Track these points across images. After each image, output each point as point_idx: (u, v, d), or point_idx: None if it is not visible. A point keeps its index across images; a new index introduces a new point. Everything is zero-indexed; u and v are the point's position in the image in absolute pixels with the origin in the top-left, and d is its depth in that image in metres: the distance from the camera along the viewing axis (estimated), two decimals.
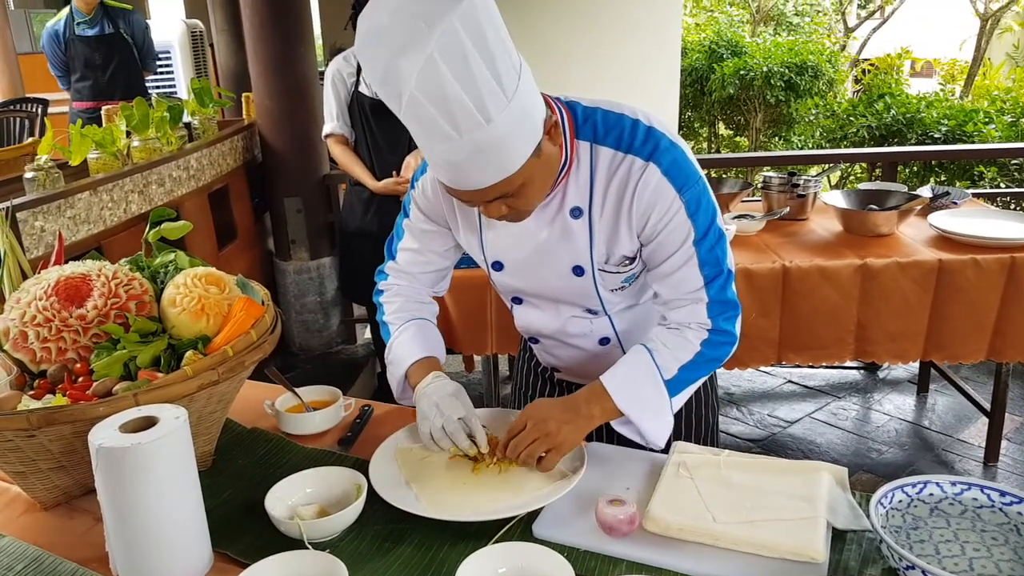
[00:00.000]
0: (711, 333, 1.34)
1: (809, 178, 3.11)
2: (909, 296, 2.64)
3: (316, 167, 4.11)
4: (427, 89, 1.05)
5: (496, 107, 1.08)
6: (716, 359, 1.36)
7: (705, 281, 1.31)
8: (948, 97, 6.13)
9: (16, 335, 1.32)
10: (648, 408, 1.32)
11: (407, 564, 1.14)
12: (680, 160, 1.27)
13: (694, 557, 1.12)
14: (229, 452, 1.46)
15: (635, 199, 1.28)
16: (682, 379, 1.33)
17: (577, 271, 1.39)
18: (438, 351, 1.50)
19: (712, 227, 1.30)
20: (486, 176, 1.14)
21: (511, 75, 1.10)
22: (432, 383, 1.38)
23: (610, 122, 1.29)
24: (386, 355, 1.51)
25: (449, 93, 1.05)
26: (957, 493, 1.16)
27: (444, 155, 1.13)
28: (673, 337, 1.34)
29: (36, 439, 1.18)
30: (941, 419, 3.50)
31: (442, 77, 1.04)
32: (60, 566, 1.15)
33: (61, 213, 2.60)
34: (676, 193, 1.26)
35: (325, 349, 4.32)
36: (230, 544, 1.19)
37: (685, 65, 8.00)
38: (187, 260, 1.48)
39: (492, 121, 1.08)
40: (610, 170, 1.29)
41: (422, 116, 1.08)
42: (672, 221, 1.28)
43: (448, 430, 1.31)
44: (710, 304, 1.33)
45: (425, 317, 1.55)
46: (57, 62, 5.04)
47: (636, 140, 1.27)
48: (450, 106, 1.06)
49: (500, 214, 1.24)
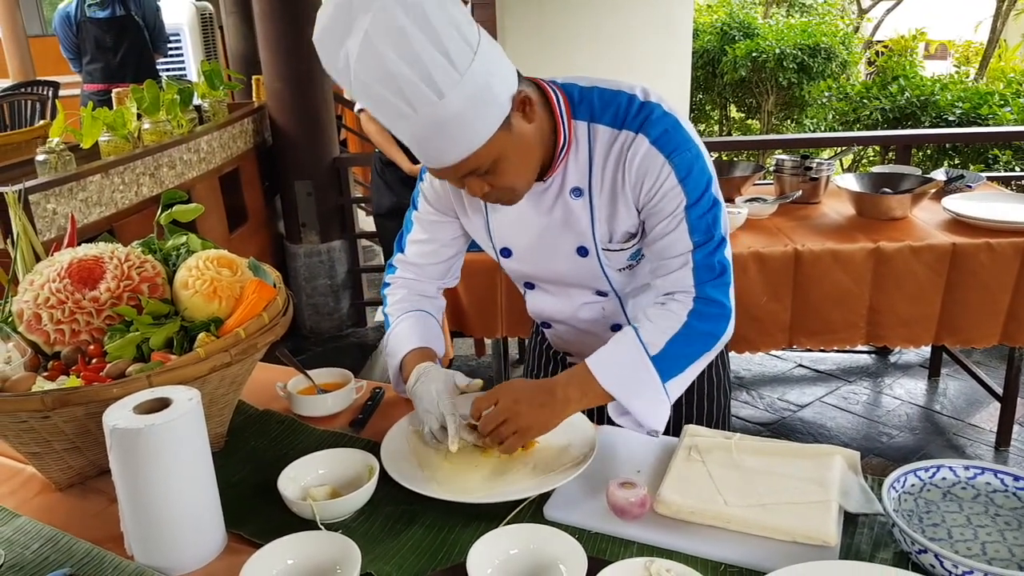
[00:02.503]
0: (697, 302, 1.30)
1: (822, 161, 3.09)
2: (922, 280, 2.62)
3: (327, 150, 4.11)
4: (368, 67, 1.07)
5: (447, 83, 1.08)
6: (710, 333, 1.31)
7: (694, 246, 1.29)
8: (963, 79, 6.07)
9: (30, 317, 1.33)
10: (634, 386, 1.27)
11: (419, 545, 1.15)
12: (671, 129, 1.26)
13: (705, 540, 1.12)
14: (241, 434, 1.47)
15: (627, 171, 1.28)
16: (672, 354, 1.28)
17: (581, 252, 1.38)
18: (434, 342, 1.48)
19: (706, 194, 1.28)
20: (452, 151, 1.15)
21: (463, 50, 1.09)
22: (419, 381, 1.36)
23: (606, 99, 1.29)
24: (383, 346, 1.52)
25: (392, 70, 1.06)
26: (970, 477, 1.16)
27: (406, 132, 1.14)
28: (657, 311, 1.31)
29: (50, 420, 1.19)
30: (952, 404, 3.49)
31: (381, 55, 1.05)
32: (75, 545, 1.16)
33: (73, 196, 2.61)
34: (665, 159, 1.25)
35: (335, 332, 4.34)
36: (243, 524, 1.20)
37: (696, 47, 7.93)
38: (199, 243, 1.48)
39: (445, 96, 1.08)
40: (607, 147, 1.29)
41: (373, 96, 1.10)
42: (663, 187, 1.27)
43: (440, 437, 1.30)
44: (695, 269, 1.29)
45: (425, 309, 1.53)
46: (68, 44, 5.04)
47: (629, 114, 1.27)
48: (397, 83, 1.07)
49: (482, 192, 1.24)
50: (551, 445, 1.32)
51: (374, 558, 1.10)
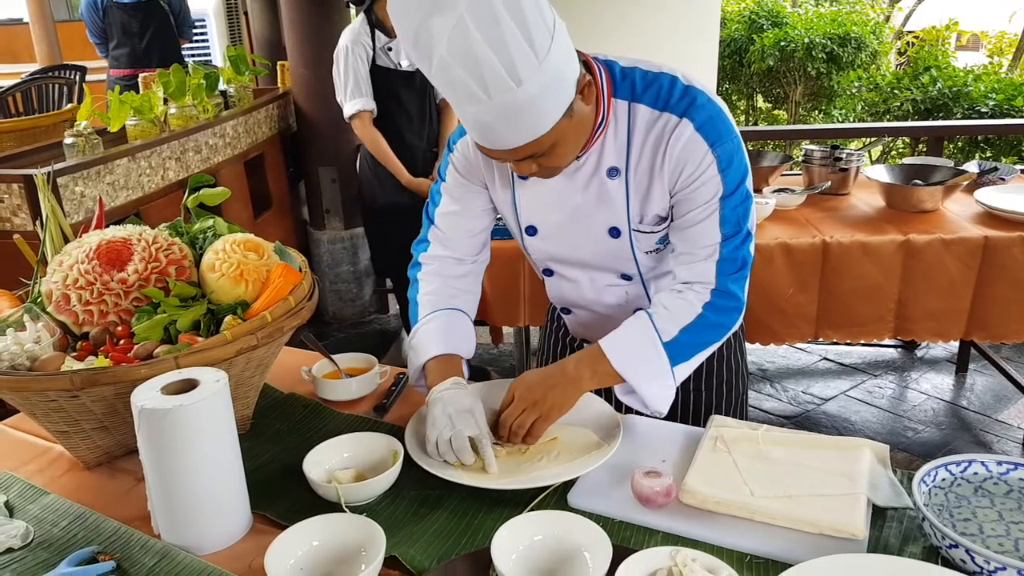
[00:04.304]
0: (714, 294, 1.30)
1: (852, 152, 3.04)
2: (953, 273, 2.58)
3: (351, 137, 4.10)
4: (457, 51, 1.05)
5: (527, 70, 1.07)
6: (722, 324, 1.31)
7: (722, 238, 1.29)
8: (996, 71, 5.96)
9: (59, 297, 1.34)
10: (645, 370, 1.28)
11: (443, 529, 1.15)
12: (715, 117, 1.25)
13: (731, 530, 1.11)
14: (266, 417, 1.48)
15: (667, 154, 1.27)
16: (683, 342, 1.29)
17: (613, 232, 1.37)
18: (463, 347, 1.44)
19: (740, 187, 1.28)
20: (516, 137, 1.14)
21: (543, 35, 1.08)
22: (449, 390, 1.31)
23: (648, 80, 1.28)
24: (409, 338, 1.48)
25: (479, 55, 1.04)
26: (1003, 473, 1.14)
27: (474, 116, 1.13)
28: (674, 299, 1.31)
29: (79, 399, 1.20)
30: (980, 399, 3.44)
31: (472, 39, 1.04)
32: (103, 523, 1.17)
33: (100, 179, 2.63)
34: (708, 148, 1.25)
35: (358, 319, 4.35)
36: (268, 506, 1.20)
37: (724, 36, 7.85)
38: (226, 226, 1.48)
39: (522, 84, 1.07)
40: (647, 128, 1.28)
41: (452, 78, 1.08)
42: (703, 176, 1.26)
43: (455, 446, 1.23)
44: (720, 261, 1.29)
45: (460, 308, 1.49)
46: (95, 29, 5.08)
47: (673, 97, 1.26)
48: (480, 68, 1.05)
49: (530, 172, 1.24)
50: (575, 433, 1.32)
51: (398, 541, 1.10)
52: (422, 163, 3.43)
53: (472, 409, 1.28)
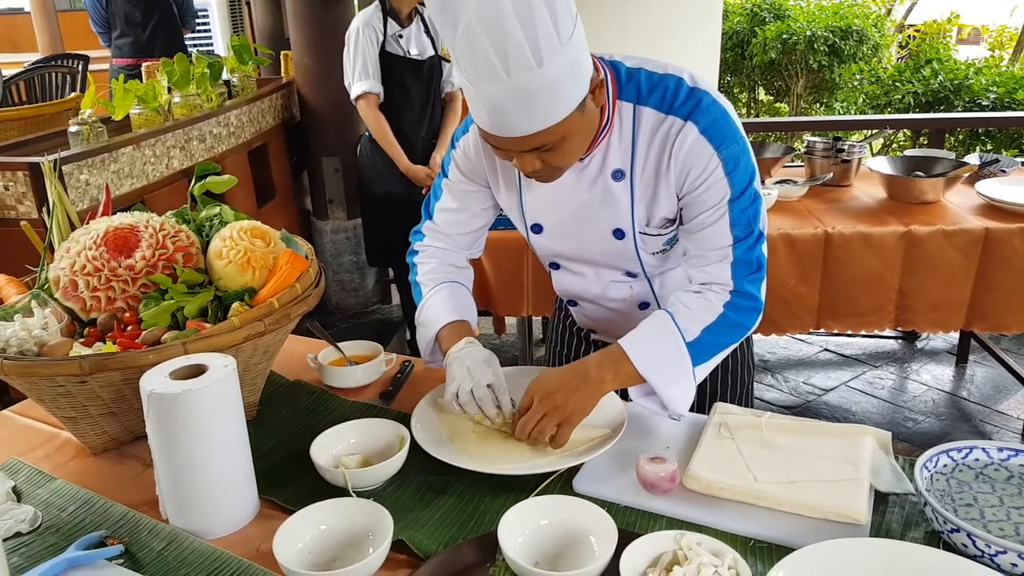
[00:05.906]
0: (733, 295, 1.30)
1: (854, 143, 3.05)
2: (954, 264, 2.59)
3: (355, 127, 4.11)
4: (485, 19, 1.04)
5: (549, 51, 1.07)
6: (741, 325, 1.31)
7: (734, 240, 1.28)
8: (997, 64, 5.95)
9: (66, 284, 1.35)
10: (669, 372, 1.27)
11: (449, 514, 1.16)
12: (720, 119, 1.24)
13: (735, 515, 1.12)
14: (273, 403, 1.49)
15: (673, 158, 1.26)
16: (706, 343, 1.29)
17: (618, 234, 1.37)
18: (470, 316, 1.47)
19: (748, 188, 1.27)
20: (530, 123, 1.12)
21: (568, 20, 1.09)
22: (465, 348, 1.36)
23: (654, 82, 1.27)
24: (416, 316, 1.50)
25: (507, 27, 1.04)
26: (1004, 459, 1.15)
27: (491, 96, 1.11)
28: (695, 299, 1.31)
29: (87, 385, 1.21)
30: (980, 390, 3.46)
31: (502, 7, 1.03)
32: (111, 508, 1.18)
33: (105, 167, 2.63)
34: (714, 151, 1.24)
35: (361, 308, 4.36)
36: (276, 491, 1.21)
37: (726, 28, 7.83)
38: (232, 214, 1.49)
39: (543, 64, 1.07)
40: (652, 131, 1.27)
41: (476, 48, 1.07)
42: (709, 179, 1.26)
43: (476, 395, 1.29)
44: (735, 263, 1.29)
45: (459, 281, 1.52)
46: (98, 18, 5.06)
47: (678, 99, 1.25)
48: (505, 41, 1.05)
49: (533, 168, 1.22)
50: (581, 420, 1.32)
51: (405, 526, 1.11)
52: (420, 152, 3.44)
53: (488, 360, 1.33)
